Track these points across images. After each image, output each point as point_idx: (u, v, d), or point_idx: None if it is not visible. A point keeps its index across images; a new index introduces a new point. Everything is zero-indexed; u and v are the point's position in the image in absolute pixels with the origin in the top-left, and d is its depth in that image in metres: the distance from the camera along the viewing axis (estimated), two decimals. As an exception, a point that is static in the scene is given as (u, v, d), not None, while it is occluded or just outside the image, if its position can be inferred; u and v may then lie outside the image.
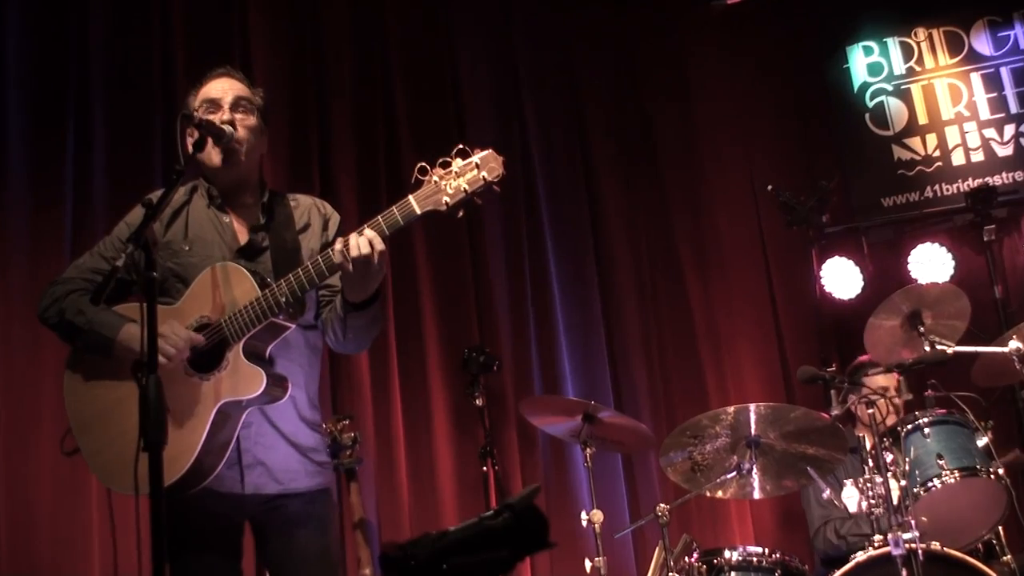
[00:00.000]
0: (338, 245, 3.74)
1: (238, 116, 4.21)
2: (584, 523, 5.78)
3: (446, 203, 3.66)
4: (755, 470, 5.72)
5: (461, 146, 3.68)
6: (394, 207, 3.74)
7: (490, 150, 3.67)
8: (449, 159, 3.68)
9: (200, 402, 3.87)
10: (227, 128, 4.07)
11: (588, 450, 5.96)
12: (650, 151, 8.75)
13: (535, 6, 8.79)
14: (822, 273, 8.09)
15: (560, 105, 8.67)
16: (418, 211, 3.70)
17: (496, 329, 7.92)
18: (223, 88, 4.27)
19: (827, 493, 5.64)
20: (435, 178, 3.68)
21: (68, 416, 4.15)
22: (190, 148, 4.04)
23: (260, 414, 4.04)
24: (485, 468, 7.16)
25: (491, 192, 3.68)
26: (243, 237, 4.22)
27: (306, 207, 4.39)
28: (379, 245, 3.71)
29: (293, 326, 4.01)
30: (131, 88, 7.36)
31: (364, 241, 3.70)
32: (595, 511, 5.78)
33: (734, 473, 5.69)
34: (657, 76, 8.91)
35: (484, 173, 3.63)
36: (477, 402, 7.21)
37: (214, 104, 4.22)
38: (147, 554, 3.21)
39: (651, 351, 8.26)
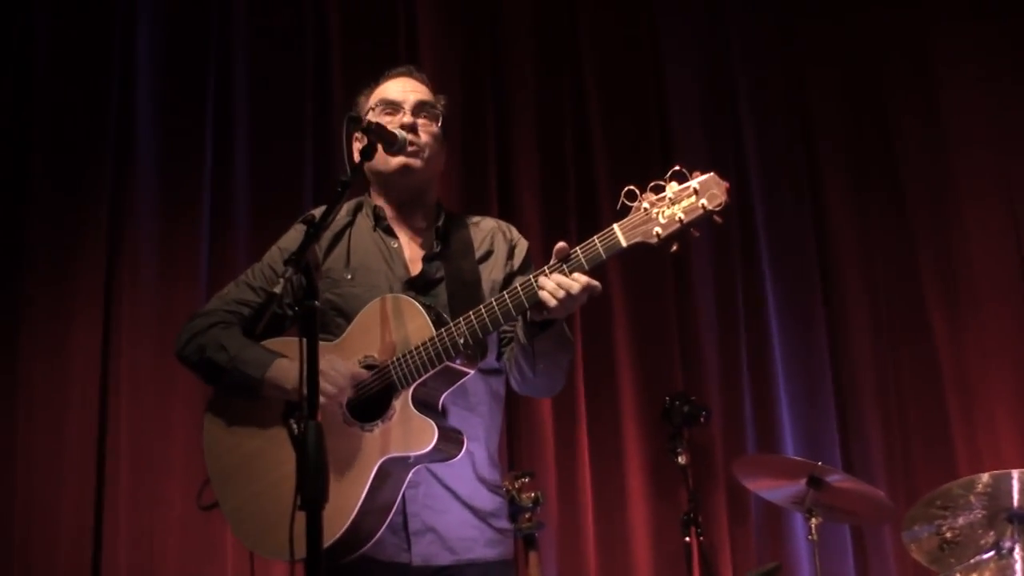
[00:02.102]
0: (548, 285, 3.69)
1: (421, 121, 4.24)
2: (807, 607, 5.71)
3: (657, 235, 3.59)
4: (1017, 550, 5.56)
5: (677, 167, 3.61)
6: (596, 237, 3.70)
7: (712, 174, 3.57)
8: (662, 183, 3.61)
9: (360, 456, 3.88)
10: (401, 133, 4.10)
11: (813, 520, 5.91)
12: (889, 167, 8.58)
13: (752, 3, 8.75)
14: (1099, 312, 7.85)
15: (782, 116, 8.60)
16: (624, 244, 3.65)
17: (703, 375, 7.88)
18: (404, 89, 4.34)
19: (1106, 584, 5.49)
20: (645, 204, 3.61)
21: (207, 466, 4.21)
22: (357, 156, 4.04)
23: (429, 473, 4.04)
24: (688, 538, 7.07)
25: (711, 223, 3.59)
26: (415, 267, 4.25)
27: (488, 231, 4.41)
28: (582, 282, 3.67)
29: (471, 372, 3.98)
30: (279, 88, 7.54)
31: (571, 283, 3.67)
32: (820, 593, 5.71)
33: (992, 553, 5.58)
34: (897, 73, 8.74)
35: (704, 201, 3.53)
36: (680, 460, 7.13)
37: (393, 106, 4.28)
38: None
39: (888, 404, 8.10)
